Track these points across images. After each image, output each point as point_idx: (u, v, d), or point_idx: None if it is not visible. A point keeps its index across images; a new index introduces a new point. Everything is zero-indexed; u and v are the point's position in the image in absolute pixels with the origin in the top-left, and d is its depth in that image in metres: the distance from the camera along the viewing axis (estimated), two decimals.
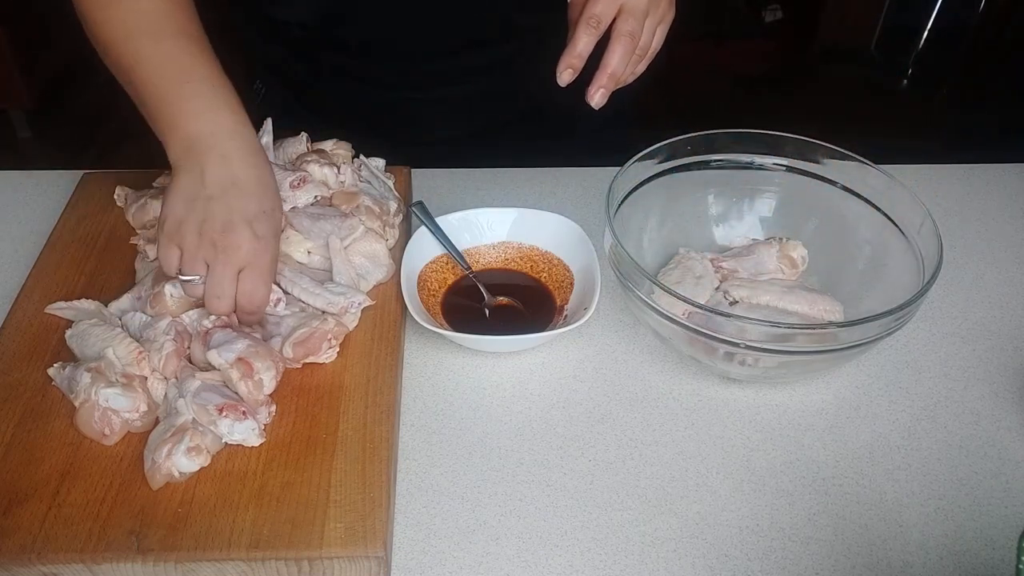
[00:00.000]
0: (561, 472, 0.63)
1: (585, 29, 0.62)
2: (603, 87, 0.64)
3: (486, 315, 0.74)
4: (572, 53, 0.63)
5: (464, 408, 0.67)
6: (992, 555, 0.58)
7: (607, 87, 0.64)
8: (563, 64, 0.63)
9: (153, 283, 0.67)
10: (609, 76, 0.63)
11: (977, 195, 0.91)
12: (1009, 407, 0.68)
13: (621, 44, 0.62)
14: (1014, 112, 2.33)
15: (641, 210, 0.75)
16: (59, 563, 0.53)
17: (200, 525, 0.54)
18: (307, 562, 0.53)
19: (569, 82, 0.64)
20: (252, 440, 0.59)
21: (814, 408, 0.68)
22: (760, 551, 0.58)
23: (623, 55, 0.63)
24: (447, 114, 0.93)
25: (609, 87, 0.64)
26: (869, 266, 0.74)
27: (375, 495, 0.56)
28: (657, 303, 0.64)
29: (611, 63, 0.63)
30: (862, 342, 0.61)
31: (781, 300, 0.70)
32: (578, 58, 0.63)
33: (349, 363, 0.65)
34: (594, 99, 0.64)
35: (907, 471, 0.64)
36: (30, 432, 0.60)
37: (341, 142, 0.81)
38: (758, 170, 0.78)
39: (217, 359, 0.60)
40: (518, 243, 0.79)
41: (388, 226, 0.75)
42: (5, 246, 0.81)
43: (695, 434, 0.66)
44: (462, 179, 0.91)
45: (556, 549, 0.58)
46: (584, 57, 0.63)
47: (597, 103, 0.64)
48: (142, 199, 0.76)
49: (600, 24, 0.62)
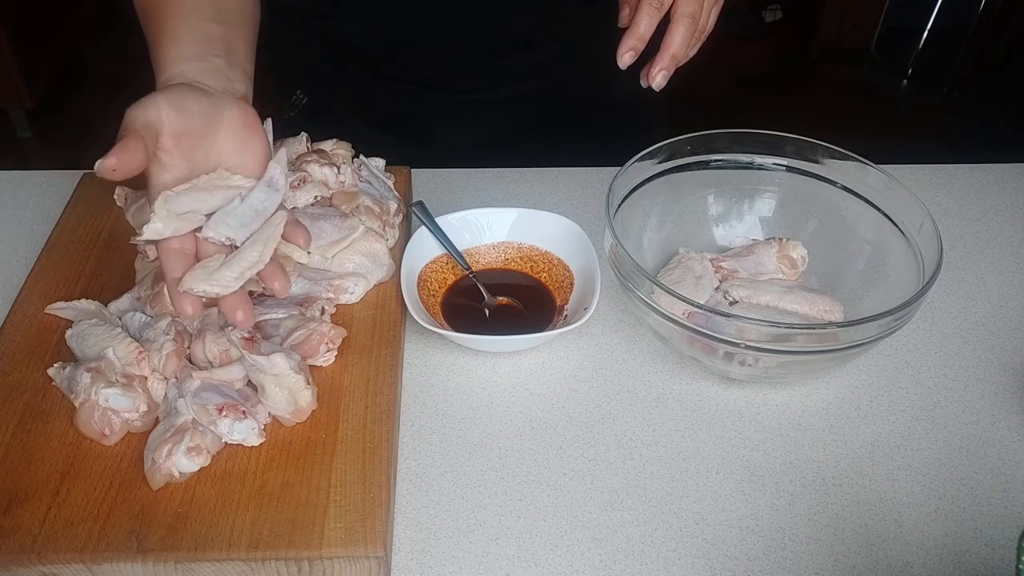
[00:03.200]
0: (561, 472, 0.63)
1: (648, 11, 0.61)
2: (665, 69, 0.63)
3: (486, 315, 0.74)
4: (635, 35, 0.62)
5: (464, 408, 0.67)
6: (992, 555, 0.58)
7: (668, 69, 0.63)
8: (625, 46, 0.62)
9: (153, 283, 0.67)
10: (671, 58, 0.63)
11: (977, 195, 0.91)
12: (1009, 407, 0.68)
13: (683, 25, 0.62)
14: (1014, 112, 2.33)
15: (641, 210, 0.75)
16: (59, 563, 0.53)
17: (200, 525, 0.54)
18: (307, 562, 0.53)
19: (630, 64, 0.63)
20: (252, 440, 0.59)
21: (814, 408, 0.68)
22: (760, 551, 0.58)
23: (685, 36, 0.62)
24: (491, 117, 0.94)
25: (671, 69, 0.63)
26: (869, 266, 0.74)
27: (375, 495, 0.56)
28: (657, 303, 0.64)
29: (672, 44, 0.62)
30: (862, 342, 0.61)
31: (781, 300, 0.70)
32: (640, 40, 0.62)
33: (349, 363, 0.65)
34: (655, 80, 0.63)
35: (907, 471, 0.64)
36: (30, 432, 0.60)
37: (341, 142, 0.81)
38: (758, 170, 0.78)
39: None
40: (518, 243, 0.79)
41: (388, 226, 0.75)
42: (5, 246, 0.81)
43: (695, 434, 0.66)
44: (462, 179, 0.91)
45: (556, 549, 0.58)
46: (646, 39, 0.62)
47: (658, 85, 0.64)
48: (142, 199, 0.76)
49: (663, 5, 0.61)
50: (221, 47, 0.63)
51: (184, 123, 0.57)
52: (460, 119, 0.94)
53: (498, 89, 0.91)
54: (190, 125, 0.57)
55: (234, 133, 0.60)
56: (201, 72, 0.61)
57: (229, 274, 0.57)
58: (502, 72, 0.90)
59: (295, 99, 0.98)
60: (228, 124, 0.60)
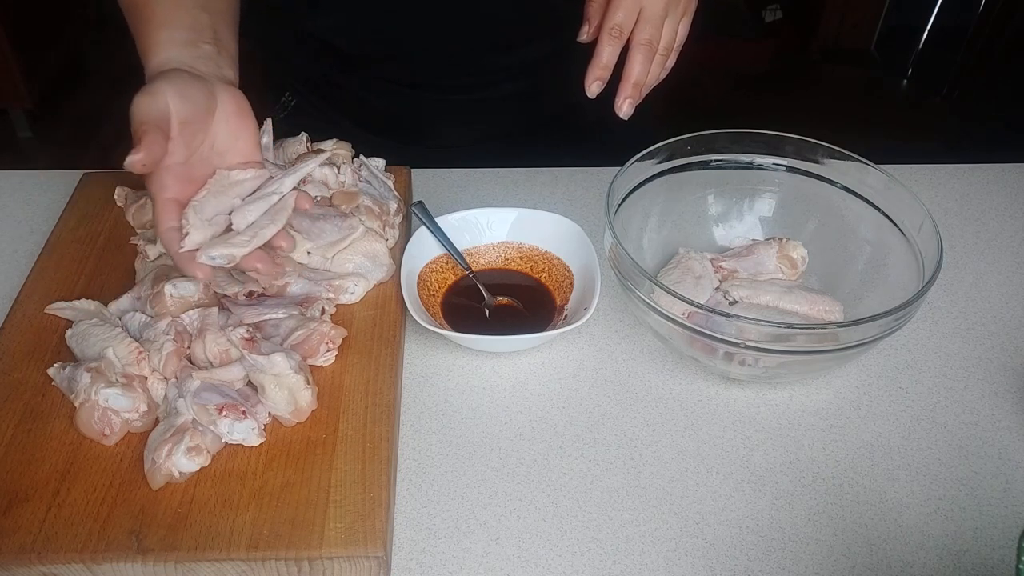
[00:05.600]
0: (561, 472, 0.63)
1: (608, 40, 0.63)
2: (629, 97, 0.65)
3: (486, 315, 0.74)
4: (598, 65, 0.64)
5: (464, 408, 0.67)
6: (992, 555, 0.58)
7: (633, 97, 0.65)
8: (591, 76, 0.64)
9: (153, 283, 0.67)
10: (633, 86, 0.64)
11: (977, 195, 0.91)
12: (1009, 407, 0.68)
13: (640, 52, 0.63)
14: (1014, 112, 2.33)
15: (641, 210, 0.75)
16: (59, 563, 0.53)
17: (200, 525, 0.54)
18: (307, 562, 0.53)
19: (598, 93, 0.65)
20: (252, 440, 0.59)
21: (814, 408, 0.68)
22: (760, 551, 0.58)
23: (644, 63, 0.64)
24: (484, 116, 0.94)
25: (635, 96, 0.65)
26: (869, 266, 0.74)
27: (375, 495, 0.56)
28: (657, 303, 0.64)
29: (633, 73, 0.64)
30: (862, 342, 0.61)
31: (781, 300, 0.70)
32: (605, 69, 0.64)
33: (349, 363, 0.65)
34: (622, 110, 0.65)
35: (907, 471, 0.64)
36: (30, 432, 0.60)
37: (341, 142, 0.81)
38: (758, 170, 0.78)
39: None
40: (518, 243, 0.79)
41: (388, 226, 0.75)
42: (5, 246, 0.81)
43: (695, 434, 0.66)
44: (462, 179, 0.91)
45: (556, 549, 0.58)
46: (610, 68, 0.64)
47: (625, 113, 0.66)
48: (142, 199, 0.76)
49: (623, 33, 0.63)
50: (210, 34, 0.63)
51: (189, 110, 0.58)
52: (452, 119, 0.94)
53: (491, 88, 0.91)
54: (194, 112, 0.58)
55: (228, 119, 0.61)
56: (194, 59, 0.61)
57: (243, 237, 0.58)
58: (495, 70, 0.89)
59: (284, 101, 0.98)
60: (222, 110, 0.61)
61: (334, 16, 0.84)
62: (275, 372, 0.59)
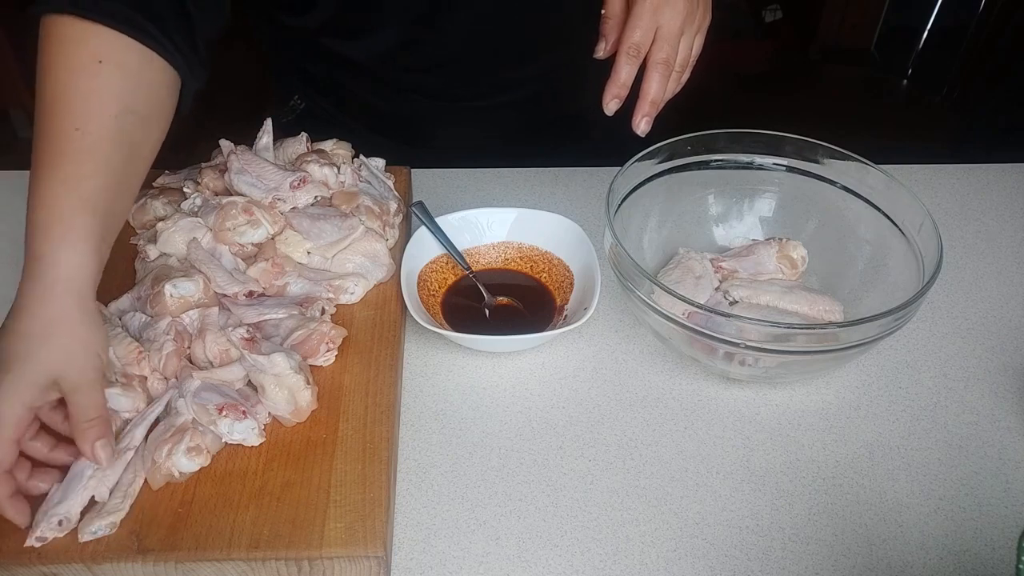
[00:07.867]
0: (561, 472, 0.63)
1: (626, 59, 0.64)
2: (647, 115, 0.66)
3: (486, 315, 0.74)
4: (616, 83, 0.65)
5: (464, 408, 0.67)
6: (992, 555, 0.58)
7: (650, 114, 0.66)
8: (609, 95, 0.65)
9: (153, 283, 0.67)
10: (651, 104, 0.65)
11: (977, 195, 0.91)
12: (1009, 407, 0.68)
13: (657, 71, 0.65)
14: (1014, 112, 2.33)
15: (641, 210, 0.75)
16: (59, 563, 0.53)
17: (200, 525, 0.54)
18: (307, 562, 0.53)
19: (616, 110, 0.66)
20: (252, 440, 0.59)
21: (814, 408, 0.68)
22: (760, 551, 0.58)
23: (661, 81, 0.65)
24: (490, 120, 0.94)
25: (652, 114, 0.66)
26: (869, 266, 0.74)
27: (375, 495, 0.56)
28: (657, 303, 0.64)
29: (650, 91, 0.65)
30: (862, 342, 0.61)
31: (781, 300, 0.70)
32: (623, 87, 0.65)
33: (349, 363, 0.65)
34: (639, 127, 0.66)
35: (907, 471, 0.64)
36: None
37: (341, 142, 0.81)
38: (758, 170, 0.78)
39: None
40: (518, 243, 0.79)
41: (388, 226, 0.75)
42: (5, 246, 0.80)
43: (695, 434, 0.66)
44: (462, 179, 0.91)
45: (556, 549, 0.58)
46: (628, 86, 0.65)
47: (643, 131, 0.67)
48: (142, 199, 0.76)
49: (640, 52, 0.64)
50: (108, 244, 0.58)
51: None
52: (459, 122, 0.94)
53: (501, 95, 0.91)
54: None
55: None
56: (93, 291, 0.56)
57: (115, 501, 0.55)
58: (509, 80, 0.90)
59: (292, 104, 0.98)
60: None
61: (365, 41, 0.85)
62: (275, 372, 0.59)
